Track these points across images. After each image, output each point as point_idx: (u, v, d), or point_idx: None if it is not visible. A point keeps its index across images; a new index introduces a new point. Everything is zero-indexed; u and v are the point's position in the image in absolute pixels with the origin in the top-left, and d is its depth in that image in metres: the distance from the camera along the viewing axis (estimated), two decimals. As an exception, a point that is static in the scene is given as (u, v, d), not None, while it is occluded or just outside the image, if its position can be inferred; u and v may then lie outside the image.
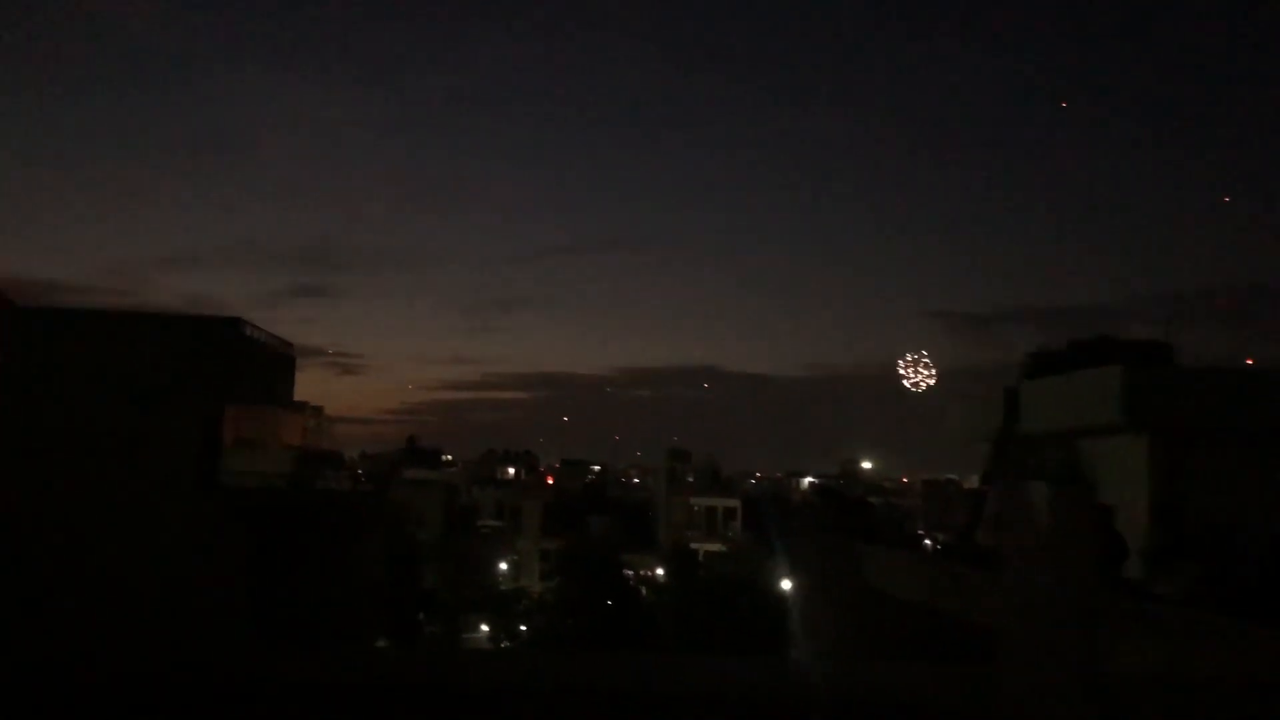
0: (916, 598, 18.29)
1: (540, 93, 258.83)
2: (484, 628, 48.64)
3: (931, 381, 35.42)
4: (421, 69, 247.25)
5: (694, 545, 56.32)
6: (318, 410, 64.44)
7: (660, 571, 52.18)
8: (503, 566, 63.48)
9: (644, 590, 48.96)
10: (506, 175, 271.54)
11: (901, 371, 35.52)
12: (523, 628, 46.05)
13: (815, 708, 6.84)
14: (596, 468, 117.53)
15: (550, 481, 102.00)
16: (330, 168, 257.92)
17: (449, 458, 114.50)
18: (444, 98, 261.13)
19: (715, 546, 56.61)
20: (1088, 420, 17.99)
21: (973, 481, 32.93)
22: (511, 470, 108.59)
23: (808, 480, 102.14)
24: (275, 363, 37.05)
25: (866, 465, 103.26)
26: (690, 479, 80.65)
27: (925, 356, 35.20)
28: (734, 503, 71.39)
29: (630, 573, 49.98)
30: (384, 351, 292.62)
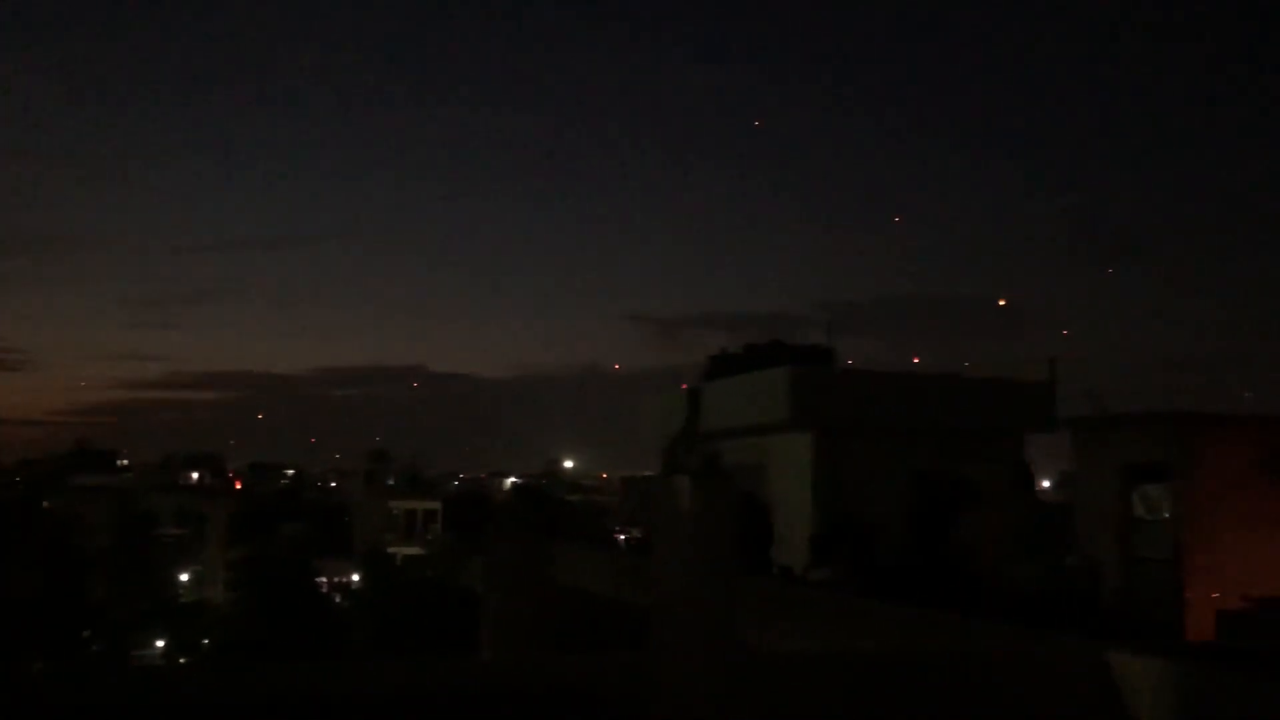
0: (605, 591, 18.93)
1: (235, 74, 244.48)
2: (159, 643, 45.40)
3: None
4: (102, 37, 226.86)
5: (391, 549, 55.16)
6: (-35, 411, 57.82)
7: (356, 577, 50.77)
8: (184, 577, 59.47)
9: (338, 597, 47.40)
10: (190, 159, 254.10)
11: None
12: (205, 641, 43.36)
13: (499, 701, 6.95)
14: (290, 472, 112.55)
15: (239, 486, 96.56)
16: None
17: (125, 462, 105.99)
18: (126, 71, 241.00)
19: (414, 549, 55.73)
20: (761, 418, 19.30)
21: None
22: (195, 475, 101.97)
23: (510, 481, 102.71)
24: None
25: (568, 465, 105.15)
26: (390, 481, 78.87)
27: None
28: (435, 505, 70.53)
29: (324, 579, 48.01)
30: (51, 346, 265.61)
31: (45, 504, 52.53)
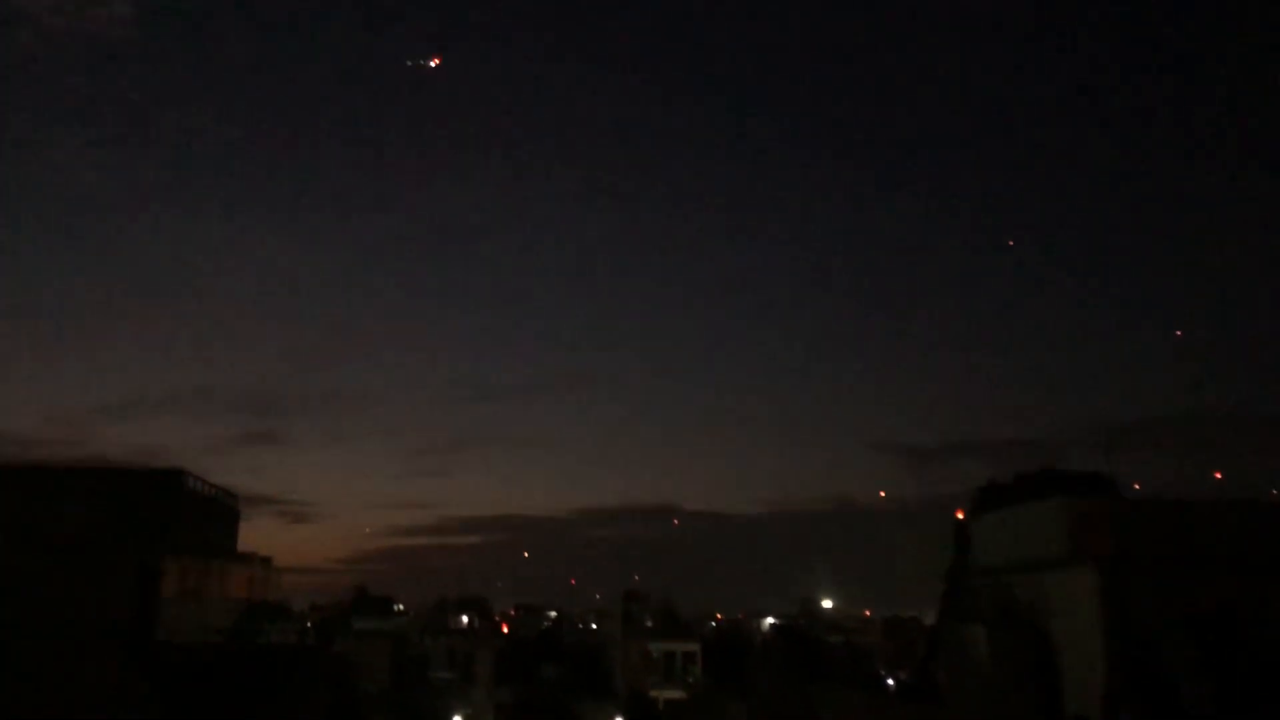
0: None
1: (490, 233, 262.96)
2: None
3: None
4: (370, 209, 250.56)
5: (652, 692, 54.75)
6: (265, 560, 62.85)
7: (618, 720, 50.61)
8: (456, 719, 61.19)
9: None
10: (454, 316, 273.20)
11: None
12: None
13: None
14: (553, 613, 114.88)
15: (505, 629, 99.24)
16: (279, 311, 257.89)
17: (400, 606, 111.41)
18: (390, 238, 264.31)
19: (675, 693, 55.14)
20: (1036, 552, 18.05)
21: (931, 618, 32.65)
22: (465, 618, 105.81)
23: (768, 621, 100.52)
24: (218, 513, 36.19)
25: (826, 604, 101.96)
26: (648, 622, 78.92)
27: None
28: (693, 646, 69.75)
29: (587, 723, 48.20)
30: (335, 497, 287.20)
31: (332, 648, 55.85)
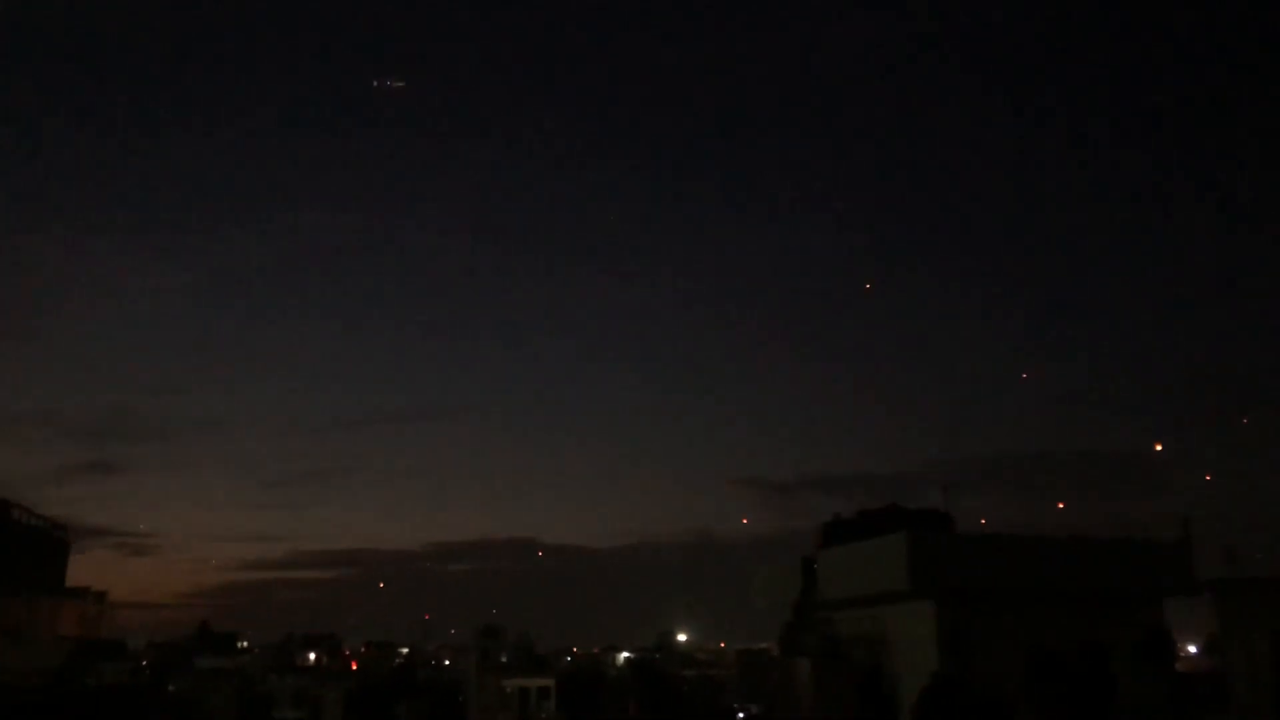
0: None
1: (345, 259, 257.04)
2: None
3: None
4: (220, 236, 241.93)
5: (506, 729, 54.05)
6: (99, 595, 59.65)
7: (470, 758, 49.70)
8: (302, 762, 59.03)
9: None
10: (309, 343, 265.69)
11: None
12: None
13: None
14: (405, 650, 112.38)
15: (354, 666, 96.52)
16: (126, 335, 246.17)
17: (245, 644, 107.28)
18: (245, 261, 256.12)
19: (528, 729, 54.56)
20: (879, 587, 18.64)
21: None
22: (312, 655, 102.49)
23: (623, 655, 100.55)
24: (45, 546, 34.18)
25: (682, 637, 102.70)
26: (504, 658, 77.97)
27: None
28: (548, 682, 69.21)
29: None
30: (180, 529, 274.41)
31: (170, 687, 53.25)
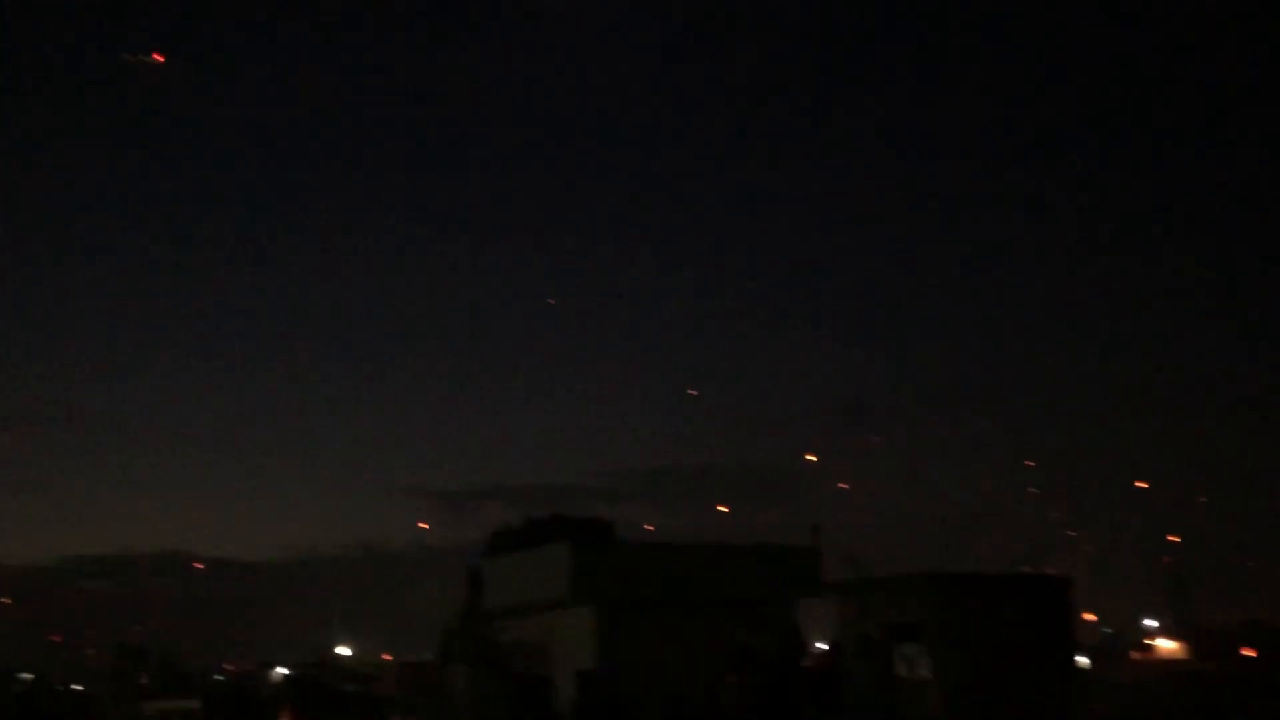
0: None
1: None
2: None
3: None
4: None
5: (145, 756, 50.09)
6: None
7: (101, 793, 45.62)
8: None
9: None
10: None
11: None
12: None
13: None
14: (28, 675, 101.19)
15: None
16: None
17: None
18: None
19: (171, 755, 50.85)
20: (543, 595, 19.18)
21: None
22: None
23: (280, 671, 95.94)
24: None
25: (345, 651, 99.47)
26: (144, 680, 72.13)
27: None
28: (194, 704, 64.77)
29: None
30: None
31: None
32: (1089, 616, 59.06)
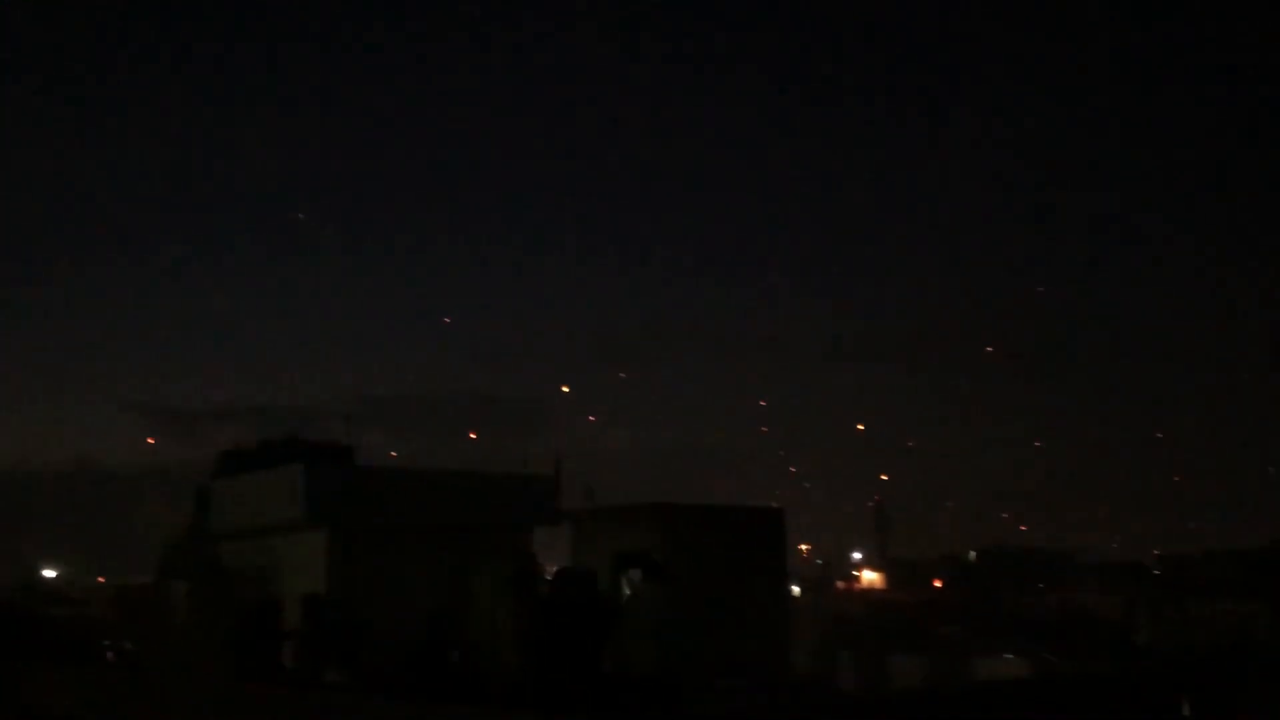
0: (91, 714, 17.12)
1: None
2: None
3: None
4: None
5: None
6: None
7: None
8: None
9: None
10: None
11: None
12: None
13: None
14: None
15: None
16: None
17: None
18: None
19: None
20: (274, 517, 18.69)
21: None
22: None
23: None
24: None
25: (50, 573, 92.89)
26: None
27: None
28: None
29: None
30: None
31: None
32: (805, 548, 63.69)
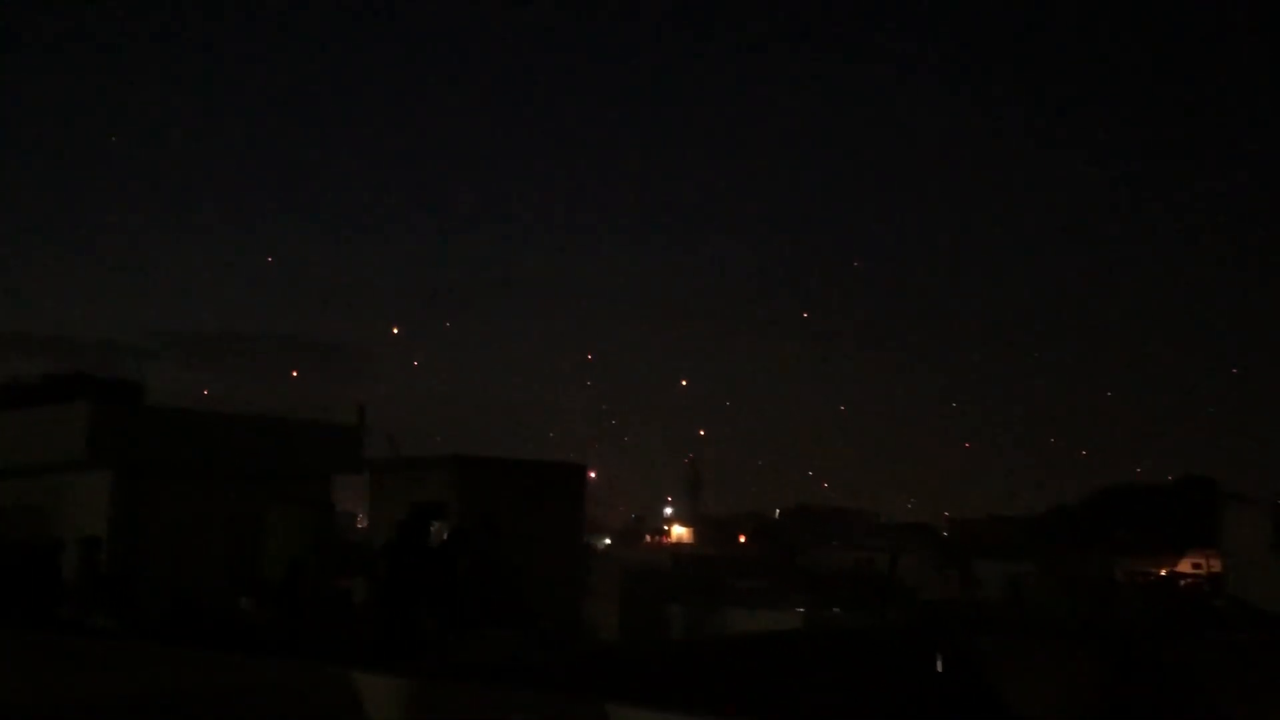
0: None
1: None
2: None
3: None
4: None
5: None
6: None
7: None
8: None
9: None
10: None
11: None
12: None
13: None
14: None
15: None
16: None
17: None
18: None
19: None
20: (54, 456, 17.87)
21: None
22: None
23: None
24: None
25: None
26: None
27: None
28: None
29: None
30: None
31: None
32: (619, 503, 65.05)
